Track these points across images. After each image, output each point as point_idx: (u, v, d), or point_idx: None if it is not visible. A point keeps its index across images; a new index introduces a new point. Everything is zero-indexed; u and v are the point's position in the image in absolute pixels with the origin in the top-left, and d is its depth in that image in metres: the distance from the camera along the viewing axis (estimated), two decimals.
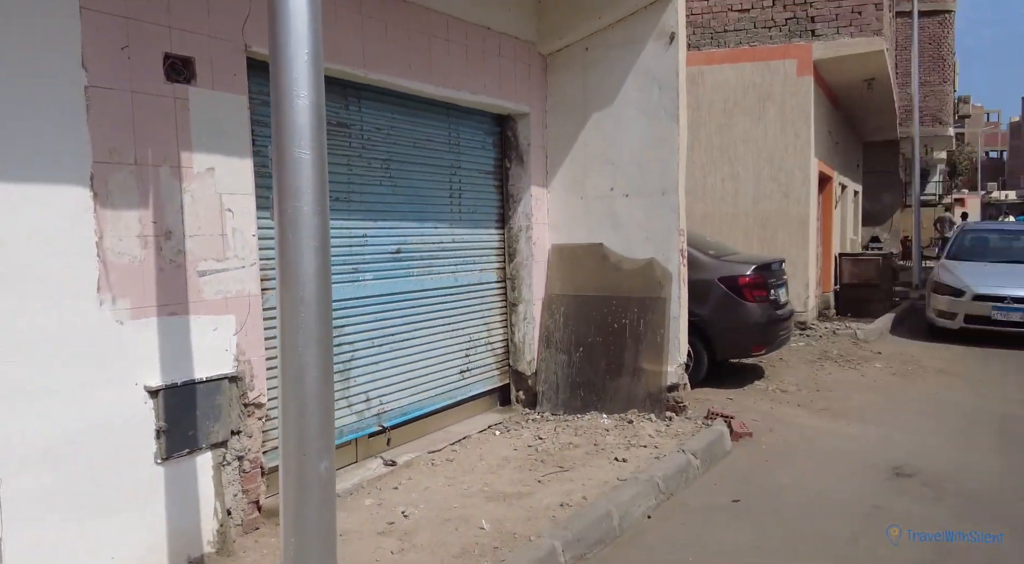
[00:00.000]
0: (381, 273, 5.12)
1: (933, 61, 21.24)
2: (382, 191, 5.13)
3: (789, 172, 10.09)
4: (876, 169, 22.74)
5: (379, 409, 5.10)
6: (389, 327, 5.22)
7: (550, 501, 4.32)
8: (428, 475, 4.86)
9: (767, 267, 7.29)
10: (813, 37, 9.84)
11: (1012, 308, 9.42)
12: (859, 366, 8.39)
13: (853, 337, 9.84)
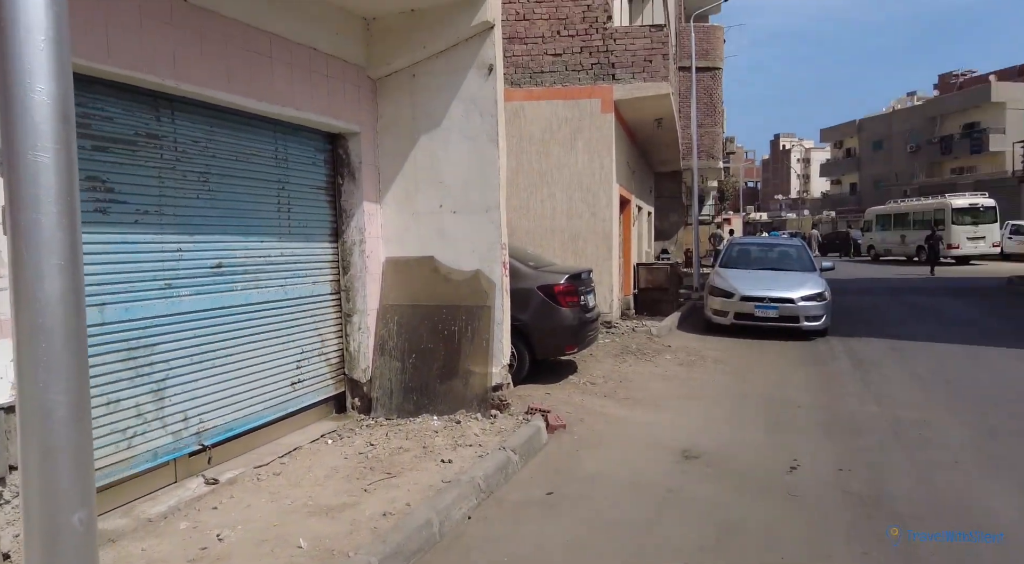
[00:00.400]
0: (200, 288, 4.39)
1: (707, 108, 22.82)
2: (200, 204, 4.40)
3: (595, 195, 10.21)
4: (665, 194, 24.10)
5: (199, 427, 4.36)
6: (211, 343, 4.49)
7: (374, 511, 3.83)
8: (252, 492, 4.19)
9: (578, 276, 7.20)
10: (614, 80, 10.03)
11: (769, 306, 10.08)
12: (653, 358, 8.55)
13: (648, 333, 10.10)
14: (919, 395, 6.78)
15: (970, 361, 8.48)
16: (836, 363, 8.46)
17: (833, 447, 5.17)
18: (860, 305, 14.48)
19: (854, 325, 11.61)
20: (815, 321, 10.03)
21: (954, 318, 12.45)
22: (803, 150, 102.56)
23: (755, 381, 7.51)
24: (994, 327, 11.40)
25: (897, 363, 8.37)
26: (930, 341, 9.93)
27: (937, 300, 15.36)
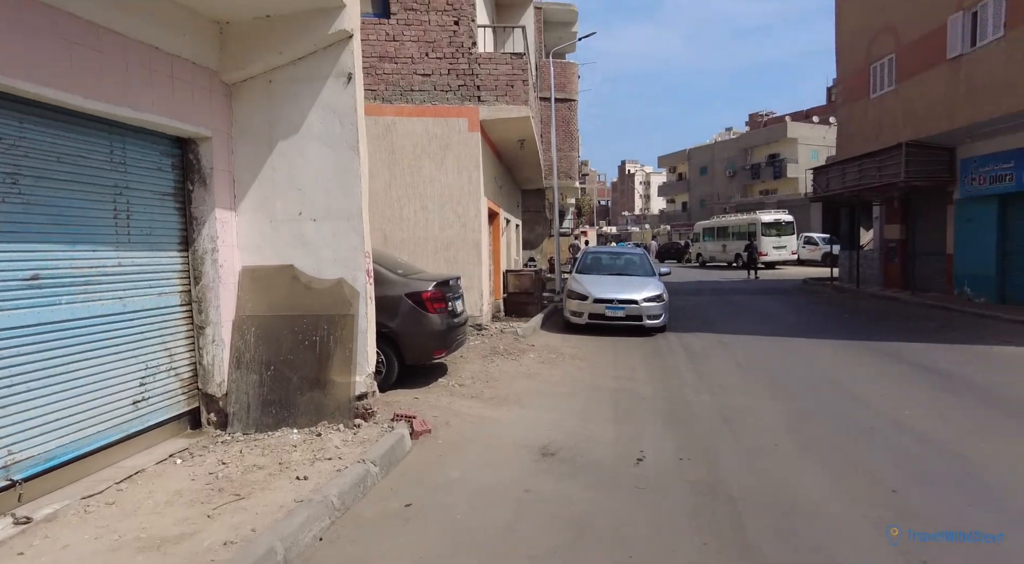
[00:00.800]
0: (10, 302, 3.46)
1: (565, 134, 23.20)
2: (7, 209, 3.47)
3: (465, 207, 9.80)
4: (531, 209, 24.23)
5: (6, 461, 3.42)
6: (26, 364, 3.56)
7: (215, 540, 3.14)
8: (75, 527, 3.33)
9: (446, 283, 6.73)
10: (479, 101, 9.68)
11: (617, 307, 10.15)
12: (519, 358, 8.26)
13: (515, 334, 9.82)
14: (743, 383, 6.94)
15: (779, 350, 8.93)
16: (674, 356, 8.59)
17: (674, 436, 5.06)
18: (692, 304, 15.16)
19: (688, 322, 12.04)
20: (656, 319, 10.23)
21: (765, 314, 13.29)
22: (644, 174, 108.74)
23: (606, 375, 7.39)
24: (795, 321, 12.26)
25: (723, 354, 8.64)
26: (748, 335, 10.43)
27: (752, 299, 16.45)
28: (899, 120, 15.05)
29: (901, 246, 17.11)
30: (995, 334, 9.85)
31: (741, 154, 54.33)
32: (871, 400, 6.11)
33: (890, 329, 10.76)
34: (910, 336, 9.94)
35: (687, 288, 19.97)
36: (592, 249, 13.74)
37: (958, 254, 14.59)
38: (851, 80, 17.55)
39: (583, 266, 12.17)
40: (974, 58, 12.43)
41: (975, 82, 12.38)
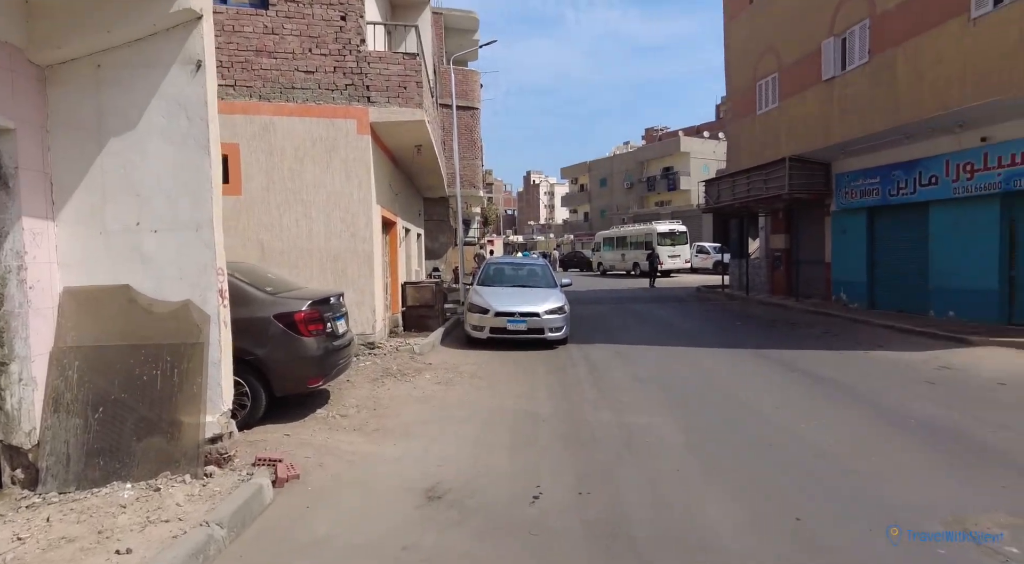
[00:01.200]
0: None
1: (468, 143, 22.82)
2: None
3: (355, 215, 9.07)
4: (434, 218, 23.58)
5: None
6: None
7: None
8: None
9: (325, 301, 6.01)
10: (369, 102, 9.02)
11: (519, 320, 9.80)
12: (413, 379, 7.66)
13: (411, 352, 9.19)
14: (643, 398, 6.75)
15: (676, 360, 8.93)
16: (575, 369, 8.33)
17: (573, 464, 4.69)
18: (594, 314, 15.17)
19: (589, 332, 11.93)
20: (558, 332, 9.98)
21: (663, 323, 13.49)
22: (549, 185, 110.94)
23: (506, 394, 6.97)
24: (691, 329, 12.51)
25: (623, 367, 8.49)
26: (647, 344, 10.43)
27: (650, 307, 16.76)
28: (782, 136, 15.94)
29: (786, 255, 18.14)
30: (870, 339, 10.45)
31: (638, 167, 56.56)
32: (767, 412, 6.08)
33: (779, 336, 11.16)
34: (797, 343, 10.34)
35: (589, 297, 20.13)
36: (494, 260, 13.36)
37: (835, 263, 15.62)
38: (739, 97, 18.46)
39: (485, 278, 11.75)
40: (845, 80, 13.34)
41: (846, 103, 13.27)
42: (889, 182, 13.35)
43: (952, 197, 11.82)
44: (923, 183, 12.47)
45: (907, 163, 12.80)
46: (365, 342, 9.10)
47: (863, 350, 9.44)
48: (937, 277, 12.38)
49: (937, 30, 10.84)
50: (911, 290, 13.22)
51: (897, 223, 13.59)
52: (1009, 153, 10.68)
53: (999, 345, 9.31)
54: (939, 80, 10.82)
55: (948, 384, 7.12)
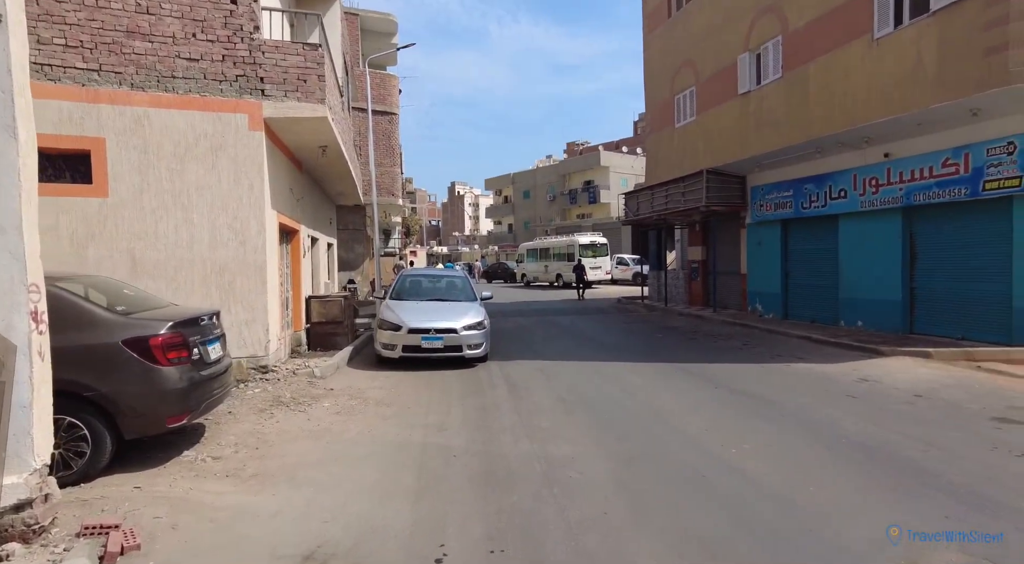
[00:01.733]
0: None
1: (386, 149, 21.87)
2: None
3: (245, 221, 8.04)
4: (350, 227, 22.37)
5: None
6: None
7: None
8: None
9: (192, 322, 5.04)
10: (263, 96, 8.05)
11: (434, 337, 9.04)
12: (309, 407, 6.74)
13: (311, 375, 8.23)
14: (566, 423, 6.18)
15: (600, 377, 8.47)
16: (494, 391, 7.68)
17: (485, 512, 4.00)
18: (516, 328, 14.63)
19: (511, 347, 11.34)
20: (477, 349, 9.30)
21: (585, 336, 13.12)
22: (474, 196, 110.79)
23: (415, 424, 6.20)
24: (613, 342, 12.19)
25: (546, 386, 7.93)
26: (570, 360, 9.95)
27: (572, 320, 16.43)
28: (700, 149, 16.12)
29: (703, 267, 18.38)
30: (789, 351, 10.46)
31: (560, 180, 57.19)
32: (697, 435, 5.66)
33: (701, 349, 11.01)
34: (719, 355, 10.18)
35: (512, 310, 19.62)
36: (410, 271, 12.50)
37: (750, 274, 15.90)
38: (658, 111, 18.63)
39: (399, 291, 10.90)
40: (760, 95, 13.58)
41: (761, 117, 13.51)
42: (802, 195, 13.68)
43: (859, 210, 12.19)
44: (833, 196, 12.83)
45: (818, 177, 13.15)
46: (257, 366, 8.05)
47: (784, 362, 9.37)
48: (847, 288, 12.73)
49: (844, 49, 11.15)
50: (823, 301, 13.55)
51: (809, 235, 13.94)
52: (909, 169, 11.10)
53: (906, 355, 9.50)
54: (846, 97, 11.11)
55: (870, 398, 7.02)
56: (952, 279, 10.73)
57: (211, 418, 6.10)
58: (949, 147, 10.36)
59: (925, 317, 11.24)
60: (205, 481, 4.53)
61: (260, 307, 8.09)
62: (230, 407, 6.46)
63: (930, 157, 10.69)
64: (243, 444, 5.41)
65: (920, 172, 10.90)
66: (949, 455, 4.99)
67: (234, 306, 7.96)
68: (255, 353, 8.04)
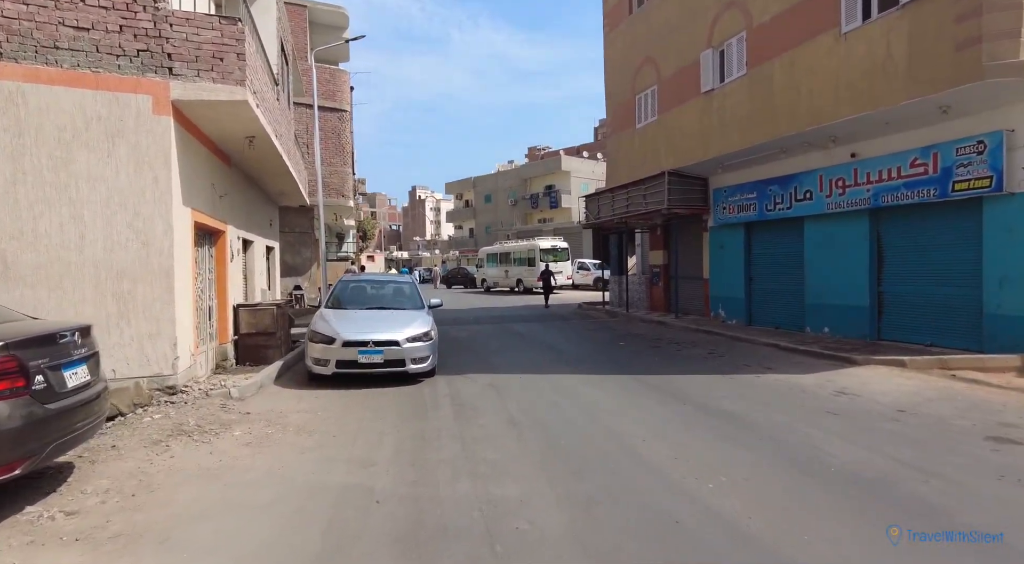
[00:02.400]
0: None
1: (335, 147, 20.70)
2: None
3: (148, 219, 6.92)
4: (296, 229, 21.11)
5: None
6: None
7: None
8: None
9: (42, 341, 3.97)
10: (171, 75, 6.96)
11: (373, 351, 8.03)
12: (215, 437, 5.68)
13: (227, 396, 7.14)
14: (516, 453, 5.30)
15: (557, 393, 7.63)
16: (438, 413, 6.75)
17: None
18: (471, 336, 13.72)
19: (463, 358, 10.43)
20: (422, 363, 8.34)
21: (544, 344, 12.29)
22: (435, 200, 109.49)
23: (337, 457, 5.22)
24: (573, 352, 11.40)
25: (497, 405, 7.04)
26: (526, 372, 9.10)
27: (532, 327, 15.60)
28: (662, 150, 15.55)
29: (664, 271, 17.83)
30: (757, 360, 9.84)
31: (522, 184, 56.59)
32: (665, 467, 4.86)
33: (665, 358, 10.30)
34: (684, 366, 9.48)
35: (469, 317, 18.68)
36: (351, 277, 11.39)
37: (713, 279, 15.37)
38: (619, 110, 18.03)
39: (337, 299, 9.84)
40: (724, 93, 13.06)
41: (725, 116, 12.98)
42: (766, 197, 13.20)
43: (826, 212, 11.74)
44: (798, 198, 12.37)
45: (783, 178, 12.68)
46: (162, 386, 6.92)
47: (753, 373, 8.72)
48: (812, 293, 12.26)
49: (810, 43, 10.67)
50: (788, 306, 13.08)
51: (774, 239, 13.47)
52: (876, 169, 10.67)
53: (880, 364, 8.99)
54: (813, 93, 10.63)
55: (851, 415, 6.37)
56: (920, 283, 10.32)
57: (86, 455, 5.01)
58: (917, 146, 9.95)
59: (893, 323, 10.81)
60: (42, 550, 3.48)
61: (167, 318, 6.96)
62: (116, 439, 5.37)
63: (898, 157, 10.28)
64: (117, 490, 4.35)
65: (888, 172, 10.49)
66: (956, 488, 4.30)
67: (134, 318, 6.83)
68: (160, 372, 6.91)
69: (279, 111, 10.83)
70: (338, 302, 9.68)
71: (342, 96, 20.56)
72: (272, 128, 9.43)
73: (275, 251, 16.01)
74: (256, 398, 7.40)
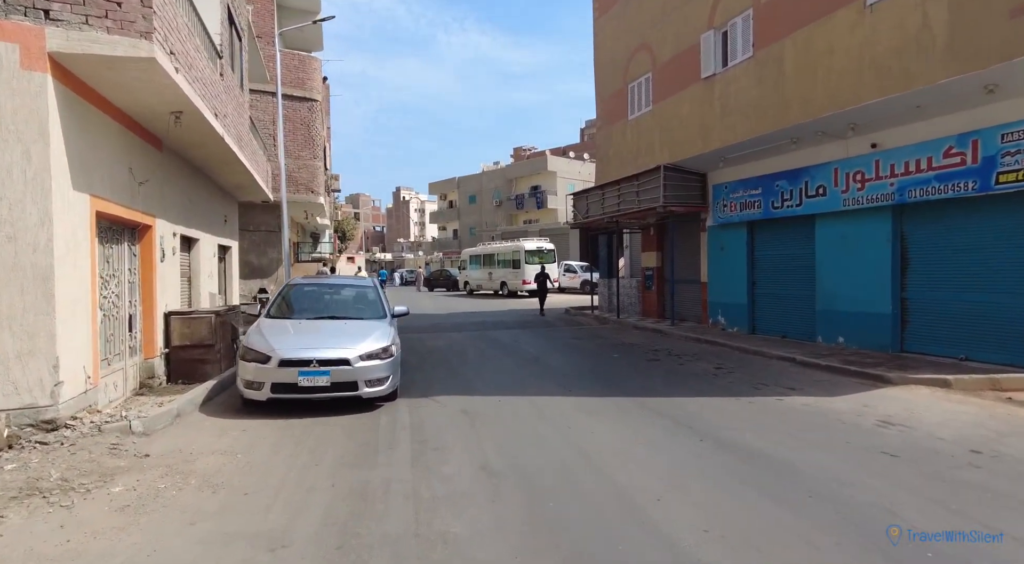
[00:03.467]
0: None
1: (304, 139, 19.10)
2: None
3: (15, 206, 5.36)
4: (262, 228, 19.46)
5: None
6: None
7: None
8: None
9: None
10: (48, 20, 5.42)
11: (317, 371, 6.48)
12: (81, 499, 4.14)
13: (125, 431, 5.59)
14: (489, 526, 3.83)
15: (544, 424, 6.18)
16: (391, 454, 5.26)
17: None
18: (447, 347, 12.23)
19: (434, 374, 8.95)
20: (379, 385, 6.83)
21: (528, 358, 10.84)
22: (419, 201, 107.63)
23: (240, 532, 3.71)
24: (562, 365, 9.96)
25: (467, 443, 5.57)
26: (504, 394, 7.65)
27: (515, 335, 14.14)
28: (657, 143, 14.19)
29: (658, 274, 16.47)
30: (773, 377, 8.48)
31: (507, 184, 55.18)
32: (696, 548, 3.43)
33: (667, 375, 8.90)
34: (691, 385, 8.09)
35: (448, 323, 17.17)
36: (300, 280, 9.75)
37: (712, 283, 14.04)
38: (610, 102, 16.67)
39: (282, 306, 8.25)
40: (727, 78, 11.73)
41: (728, 103, 11.65)
42: (772, 193, 11.89)
43: (841, 209, 10.43)
44: (810, 194, 11.06)
45: (793, 172, 11.37)
46: (36, 421, 5.35)
47: (774, 395, 7.35)
48: (825, 299, 10.96)
49: (829, 19, 9.35)
50: (796, 314, 11.77)
51: (781, 239, 12.16)
52: (902, 161, 9.38)
53: (917, 383, 7.67)
54: (831, 75, 9.31)
55: (913, 457, 4.99)
56: (953, 289, 9.03)
57: None
58: (953, 133, 8.66)
59: (919, 333, 9.52)
60: None
61: (44, 333, 5.39)
62: None
63: (929, 146, 8.99)
64: None
65: (916, 164, 9.19)
66: None
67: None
68: (33, 402, 5.34)
69: (222, 89, 9.28)
70: (283, 310, 8.11)
71: (312, 84, 18.97)
72: (208, 105, 7.88)
73: (232, 251, 14.38)
74: (166, 432, 5.85)
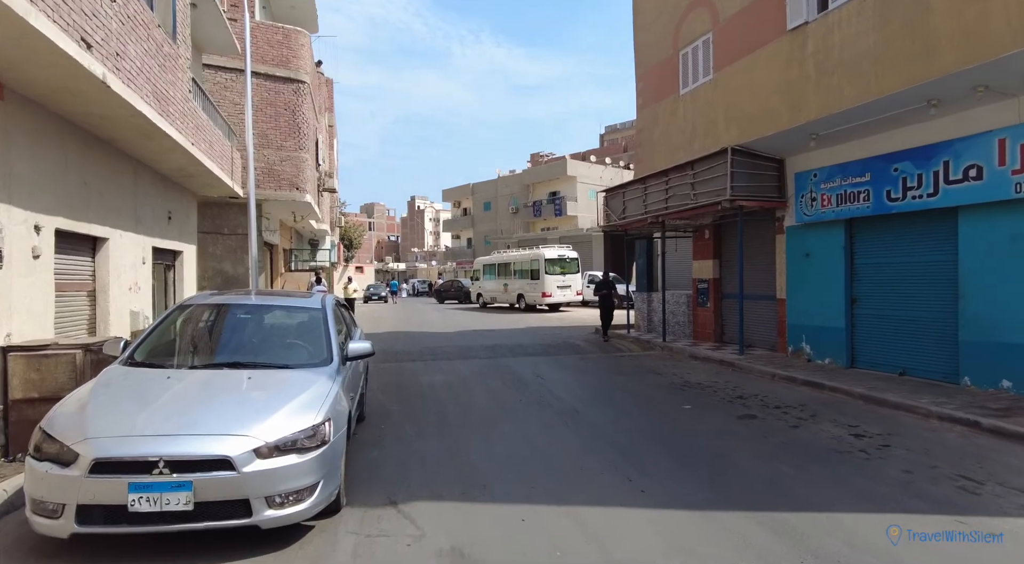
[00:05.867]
0: None
1: (289, 127, 16.28)
2: None
3: None
4: (238, 231, 16.61)
5: None
6: None
7: None
8: None
9: None
10: None
11: (167, 484, 3.34)
12: None
13: None
14: None
15: None
16: None
17: None
18: (446, 385, 9.15)
19: (417, 446, 5.87)
20: (297, 502, 3.66)
21: (561, 410, 7.70)
22: (434, 211, 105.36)
23: None
24: (607, 427, 6.82)
25: None
26: (527, 501, 4.55)
27: (537, 366, 11.01)
28: (720, 120, 11.07)
29: (714, 287, 13.25)
30: (948, 456, 5.27)
31: (524, 190, 52.27)
32: None
33: (788, 453, 5.70)
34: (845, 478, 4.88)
35: (452, 347, 14.07)
36: (204, 296, 6.04)
37: (792, 299, 10.81)
38: (653, 74, 13.58)
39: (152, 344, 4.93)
40: (826, 25, 8.58)
41: (829, 58, 8.50)
42: (887, 180, 8.68)
43: (1009, 198, 7.21)
44: (952, 178, 7.84)
45: (923, 149, 8.17)
46: None
47: (1000, 513, 4.15)
48: (974, 326, 7.71)
49: None
50: (923, 343, 8.53)
51: (899, 242, 8.93)
52: None
53: None
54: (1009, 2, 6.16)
55: None
56: None
57: None
58: None
59: None
60: None
61: None
62: None
63: None
64: None
65: None
66: None
67: None
68: None
69: (112, 15, 6.38)
70: (156, 351, 4.89)
71: (299, 63, 16.19)
72: (60, 18, 4.96)
73: (185, 257, 11.49)
74: None
